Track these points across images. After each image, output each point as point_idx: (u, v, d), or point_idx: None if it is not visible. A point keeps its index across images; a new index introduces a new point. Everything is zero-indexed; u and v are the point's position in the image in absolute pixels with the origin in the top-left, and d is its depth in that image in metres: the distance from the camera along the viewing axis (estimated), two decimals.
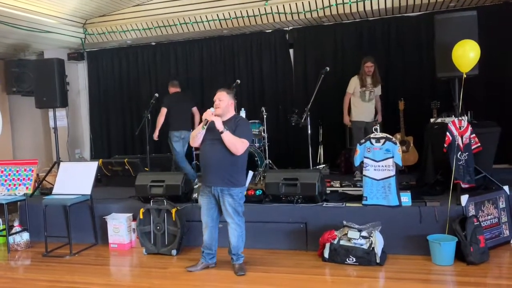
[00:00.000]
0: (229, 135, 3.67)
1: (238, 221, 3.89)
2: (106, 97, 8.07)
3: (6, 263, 4.84)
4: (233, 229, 3.89)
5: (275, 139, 6.83)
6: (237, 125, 3.78)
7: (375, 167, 4.40)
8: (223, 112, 3.81)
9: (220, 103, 3.81)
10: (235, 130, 3.73)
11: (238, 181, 3.85)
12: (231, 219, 3.86)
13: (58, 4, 6.41)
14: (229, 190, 3.81)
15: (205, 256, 4.09)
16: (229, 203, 3.82)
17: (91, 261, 4.71)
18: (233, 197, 3.82)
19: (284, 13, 6.40)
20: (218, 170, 3.77)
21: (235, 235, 3.90)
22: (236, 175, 3.82)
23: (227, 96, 3.84)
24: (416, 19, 6.50)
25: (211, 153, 3.79)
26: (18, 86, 7.54)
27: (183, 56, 7.66)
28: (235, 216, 3.86)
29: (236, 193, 3.84)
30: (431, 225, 4.18)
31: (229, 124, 3.77)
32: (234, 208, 3.84)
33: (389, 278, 3.80)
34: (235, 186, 3.82)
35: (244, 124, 3.86)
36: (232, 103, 3.89)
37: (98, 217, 5.18)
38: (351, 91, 6.01)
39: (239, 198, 3.87)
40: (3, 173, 5.53)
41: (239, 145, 3.69)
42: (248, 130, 3.87)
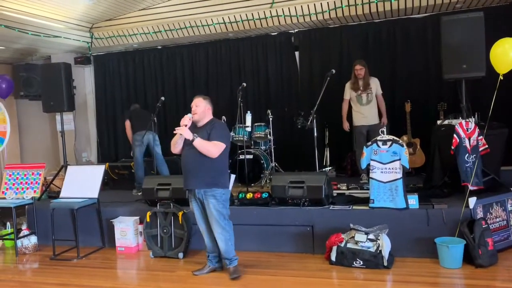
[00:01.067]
0: (199, 142, 3.77)
1: (224, 225, 3.88)
2: (112, 100, 8.10)
3: (14, 266, 4.87)
4: (220, 233, 3.89)
5: (281, 141, 6.81)
6: (212, 128, 3.88)
7: (382, 169, 4.39)
8: (199, 117, 3.93)
9: (197, 109, 3.93)
10: (210, 133, 3.84)
11: (221, 182, 3.88)
12: (217, 223, 3.86)
13: (65, 9, 6.46)
14: (212, 191, 3.83)
15: (211, 260, 4.11)
16: (213, 206, 3.84)
17: (98, 264, 4.73)
18: (216, 198, 3.84)
19: (289, 16, 6.40)
20: (197, 173, 3.83)
21: (222, 239, 3.90)
22: (217, 177, 3.86)
23: (203, 102, 3.96)
24: (422, 21, 6.48)
25: (190, 157, 3.87)
26: (25, 90, 7.60)
27: (189, 59, 7.69)
28: (220, 219, 3.86)
29: (219, 194, 3.86)
30: (438, 228, 4.15)
31: (206, 128, 3.89)
32: (219, 210, 3.85)
33: (397, 281, 3.77)
34: (218, 187, 3.85)
35: (218, 127, 3.93)
36: (209, 108, 4.00)
37: (105, 220, 5.20)
38: (347, 97, 6.03)
39: (222, 200, 3.88)
40: (11, 177, 5.57)
41: (211, 148, 3.78)
42: (221, 132, 3.90)
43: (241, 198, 4.94)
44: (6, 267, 4.92)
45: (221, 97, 7.46)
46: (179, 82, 7.72)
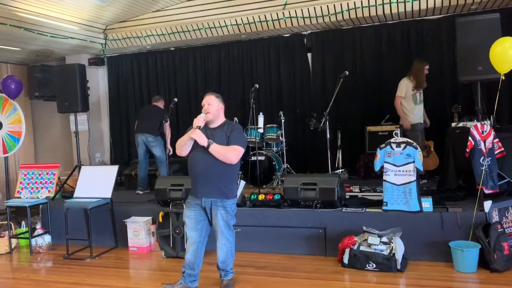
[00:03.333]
0: (216, 148, 3.42)
1: (228, 236, 3.62)
2: (125, 101, 8.16)
3: (28, 265, 4.93)
4: (222, 244, 3.61)
5: (293, 143, 6.81)
6: (231, 130, 3.53)
7: (396, 172, 4.35)
8: (213, 117, 3.55)
9: (209, 108, 3.53)
10: (229, 137, 3.49)
11: (232, 192, 3.60)
12: (221, 234, 3.58)
13: (80, 11, 6.53)
14: (223, 202, 3.53)
15: (185, 278, 3.68)
16: (221, 216, 3.54)
17: (111, 264, 4.76)
18: (227, 209, 3.55)
19: (302, 17, 6.39)
20: (209, 180, 3.48)
21: (224, 250, 3.64)
22: (229, 185, 3.57)
23: (216, 100, 3.58)
24: (436, 22, 6.42)
25: (201, 162, 3.49)
26: (40, 91, 7.70)
27: (202, 61, 7.72)
28: (226, 230, 3.59)
29: (230, 205, 3.58)
30: (453, 231, 4.11)
31: (221, 131, 3.54)
32: (226, 221, 3.57)
33: (410, 285, 3.74)
34: (228, 197, 3.55)
35: (238, 130, 3.59)
36: (222, 108, 3.64)
37: (118, 220, 5.24)
38: (403, 94, 5.74)
39: (231, 210, 3.61)
40: (26, 177, 5.64)
41: (229, 154, 3.43)
42: (241, 136, 3.59)
43: (253, 199, 4.94)
44: (21, 265, 4.98)
45: (233, 98, 7.48)
46: (191, 83, 7.75)
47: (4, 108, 5.85)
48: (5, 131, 5.89)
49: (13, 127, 5.86)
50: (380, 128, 6.45)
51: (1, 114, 5.88)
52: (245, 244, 4.75)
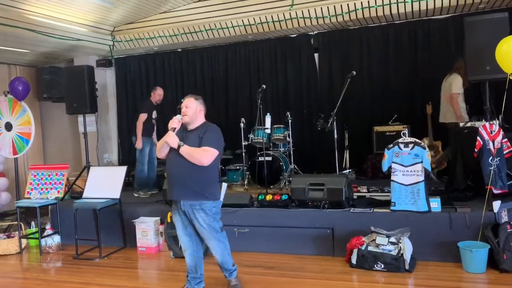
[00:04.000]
0: (186, 149, 3.37)
1: (218, 237, 3.52)
2: (133, 102, 8.20)
3: (38, 265, 4.98)
4: (215, 245, 3.54)
5: (300, 143, 6.82)
6: (205, 131, 3.46)
7: (404, 172, 4.35)
8: (190, 120, 3.50)
9: (187, 110, 3.49)
10: (202, 138, 3.43)
11: (211, 194, 3.47)
12: (209, 235, 3.49)
13: (88, 13, 6.58)
14: (201, 205, 3.42)
15: (190, 281, 3.69)
16: (203, 220, 3.44)
17: (119, 264, 4.80)
18: (206, 211, 3.43)
19: (309, 18, 6.39)
20: (184, 183, 3.41)
21: (219, 252, 3.57)
22: (206, 187, 3.44)
23: (195, 103, 3.53)
24: (444, 22, 6.40)
25: (175, 164, 3.43)
26: (49, 93, 7.76)
27: (209, 62, 7.74)
28: (213, 233, 3.48)
29: (209, 207, 3.45)
30: (461, 232, 4.10)
31: (198, 132, 3.48)
32: (209, 224, 3.46)
33: (419, 285, 3.74)
34: (207, 199, 3.44)
35: (212, 131, 3.50)
36: (202, 110, 3.58)
37: (127, 220, 5.28)
38: (460, 91, 5.47)
39: (212, 213, 3.47)
40: (36, 177, 5.69)
41: (200, 155, 3.35)
42: (214, 137, 3.47)
43: (261, 200, 4.95)
44: (31, 265, 5.03)
45: (240, 99, 7.50)
46: (198, 84, 7.78)
47: (14, 109, 5.90)
48: (15, 132, 5.94)
49: (22, 129, 5.91)
50: (387, 128, 6.43)
51: (11, 115, 5.92)
52: (253, 244, 4.78)
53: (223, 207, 4.86)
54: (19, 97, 5.85)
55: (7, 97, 5.91)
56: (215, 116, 7.60)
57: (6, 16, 5.69)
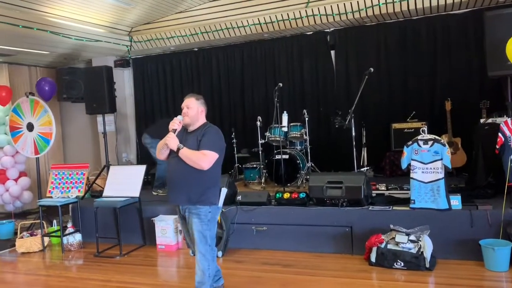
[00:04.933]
0: (185, 152, 3.22)
1: (204, 251, 3.24)
2: (151, 102, 8.28)
3: (60, 262, 5.08)
4: (199, 260, 3.26)
5: (317, 141, 6.79)
6: (203, 134, 3.30)
7: (423, 169, 4.31)
8: (191, 121, 3.36)
9: (188, 111, 3.35)
10: (200, 140, 3.28)
11: (207, 198, 3.27)
12: (197, 248, 3.26)
13: (106, 14, 6.66)
14: (196, 209, 3.25)
15: None
16: (195, 225, 3.25)
17: (139, 261, 4.86)
18: (200, 217, 3.24)
19: (325, 15, 6.36)
20: (182, 187, 3.27)
21: (200, 267, 3.26)
22: (204, 193, 3.26)
23: (196, 103, 3.39)
24: (463, 17, 6.29)
25: (176, 167, 3.30)
26: (68, 93, 7.87)
27: (225, 60, 7.76)
28: (201, 243, 3.23)
29: (204, 212, 3.25)
30: (483, 229, 4.05)
31: (197, 134, 3.33)
32: (200, 231, 3.23)
33: (439, 283, 3.71)
34: (203, 204, 3.25)
35: (211, 133, 3.32)
36: (203, 111, 3.44)
37: (146, 219, 5.34)
38: None
39: (207, 219, 3.26)
40: (57, 177, 5.80)
41: (198, 159, 3.19)
42: (214, 140, 3.30)
43: (279, 198, 4.96)
44: (53, 263, 5.13)
45: (256, 98, 7.51)
46: (215, 83, 7.81)
47: (35, 110, 6.02)
48: (36, 133, 6.06)
49: (43, 129, 6.03)
50: (405, 125, 6.36)
51: (33, 116, 6.05)
52: (271, 242, 4.80)
53: (241, 205, 4.95)
54: (46, 97, 5.97)
55: (29, 98, 6.03)
56: (231, 115, 7.66)
57: (26, 18, 5.81)
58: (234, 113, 7.66)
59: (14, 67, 7.90)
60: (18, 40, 6.27)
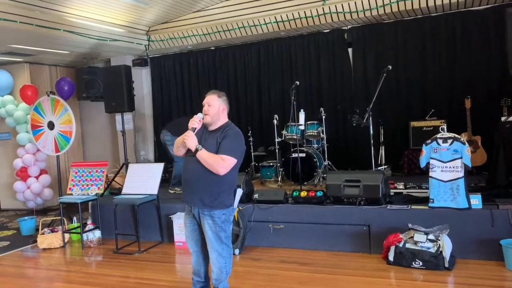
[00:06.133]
0: (203, 154, 3.08)
1: (220, 250, 3.18)
2: (168, 100, 8.36)
3: (80, 259, 5.16)
4: (214, 258, 3.20)
5: (334, 140, 6.77)
6: (224, 136, 3.14)
7: (442, 168, 4.25)
8: (212, 120, 3.20)
9: (209, 109, 3.18)
10: (220, 143, 3.13)
11: (221, 202, 3.17)
12: (212, 247, 3.19)
13: (124, 14, 6.75)
14: (210, 211, 3.16)
15: (195, 284, 3.42)
16: (209, 227, 3.16)
17: (158, 258, 4.91)
18: (214, 219, 3.15)
19: (342, 13, 6.33)
20: (197, 189, 3.16)
21: (217, 266, 3.21)
22: (219, 196, 3.15)
23: (217, 101, 3.21)
24: (483, 13, 6.19)
25: (192, 167, 3.18)
26: (88, 92, 8.00)
27: (241, 59, 7.78)
28: (216, 243, 3.17)
29: (218, 215, 3.16)
30: (504, 229, 3.98)
31: (217, 135, 3.18)
32: (215, 233, 3.16)
33: (459, 283, 3.66)
34: (216, 207, 3.15)
35: (232, 136, 3.15)
36: (225, 109, 3.25)
37: (164, 216, 5.39)
38: None
39: (221, 221, 3.17)
40: (77, 174, 5.89)
41: (216, 164, 3.05)
42: (234, 144, 3.14)
43: (295, 196, 4.95)
44: (74, 259, 5.22)
45: (273, 96, 7.51)
46: (231, 81, 7.84)
47: (55, 109, 6.13)
48: (57, 131, 6.17)
49: (64, 127, 6.13)
50: (424, 124, 6.29)
51: (53, 115, 6.16)
52: (288, 240, 4.80)
53: (258, 203, 4.96)
54: (65, 97, 6.07)
55: (50, 97, 6.14)
56: (248, 113, 7.68)
57: (47, 19, 5.92)
58: (251, 111, 7.67)
59: (35, 67, 8.06)
60: (39, 41, 6.39)
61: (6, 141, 8.16)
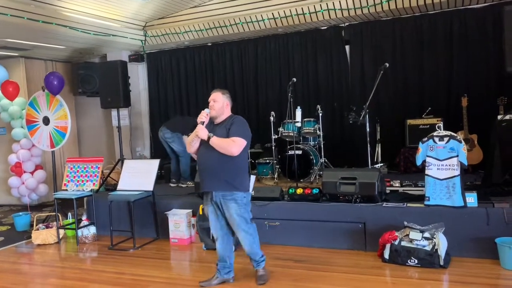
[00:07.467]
0: (216, 140, 3.50)
1: (248, 229, 3.62)
2: (164, 96, 8.32)
3: (75, 255, 5.14)
4: (243, 237, 3.63)
5: (331, 137, 6.76)
6: (231, 123, 3.58)
7: (438, 166, 4.25)
8: (217, 114, 3.64)
9: (214, 105, 3.63)
10: (229, 129, 3.55)
11: (241, 184, 3.58)
12: (239, 228, 3.59)
13: (121, 9, 6.70)
14: (232, 195, 3.54)
15: (220, 270, 3.81)
16: (234, 210, 3.55)
17: (153, 255, 4.90)
18: (237, 201, 3.55)
19: (340, 10, 6.31)
20: (215, 174, 3.54)
21: (247, 243, 3.66)
22: (237, 178, 3.57)
23: (222, 97, 3.66)
24: (481, 11, 6.18)
25: (207, 157, 3.58)
26: (83, 87, 7.96)
27: (238, 55, 7.75)
28: (243, 224, 3.59)
29: (240, 197, 3.56)
30: (499, 227, 3.98)
31: (225, 125, 3.61)
32: (239, 214, 3.56)
33: (454, 281, 3.66)
34: (238, 190, 3.55)
35: (238, 122, 3.62)
36: (228, 104, 3.70)
37: (160, 212, 5.37)
38: None
39: (243, 203, 3.59)
40: (72, 170, 5.86)
41: (230, 146, 3.47)
42: (241, 128, 3.58)
43: (291, 193, 4.94)
44: (68, 255, 5.19)
45: (270, 93, 7.49)
46: (228, 78, 7.81)
47: (51, 104, 6.08)
48: (52, 126, 6.13)
49: (59, 123, 6.09)
50: (421, 122, 6.29)
51: (49, 110, 6.11)
52: (284, 237, 4.79)
53: (253, 200, 4.94)
54: (54, 92, 6.01)
55: (45, 92, 6.10)
56: (245, 110, 7.65)
57: (42, 13, 5.87)
58: (248, 108, 7.65)
59: (30, 61, 8.00)
60: (34, 35, 6.34)
61: (1, 136, 8.12)
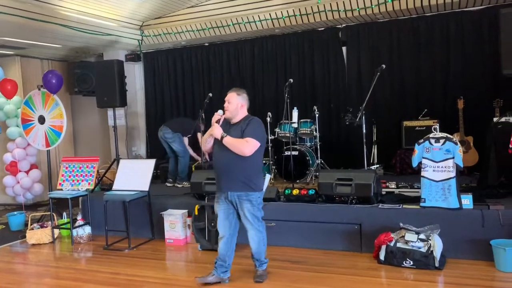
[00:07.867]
0: (229, 139, 3.56)
1: (258, 227, 3.72)
2: (161, 96, 8.30)
3: (70, 255, 5.12)
4: (253, 234, 3.72)
5: (327, 138, 6.76)
6: (247, 124, 3.61)
7: (434, 168, 4.26)
8: (231, 115, 3.67)
9: (229, 106, 3.67)
10: (244, 130, 3.58)
11: (256, 185, 3.66)
12: (250, 225, 3.69)
13: (118, 8, 6.69)
14: (248, 196, 3.62)
15: (217, 268, 3.81)
16: (248, 210, 3.64)
17: (148, 255, 4.88)
18: (252, 202, 3.64)
19: (337, 11, 6.31)
20: (231, 175, 3.60)
21: (255, 240, 3.74)
22: (252, 179, 3.63)
23: (236, 98, 3.67)
24: (477, 14, 6.20)
25: (222, 157, 3.64)
26: (79, 87, 7.93)
27: (235, 56, 7.74)
28: (254, 222, 3.69)
29: (255, 198, 3.65)
30: (494, 229, 3.99)
31: (240, 125, 3.64)
32: (253, 214, 3.66)
33: (449, 283, 3.66)
34: (254, 190, 3.63)
35: (253, 123, 3.64)
36: (243, 105, 3.71)
37: (155, 212, 5.35)
38: None
39: (257, 203, 3.69)
40: (68, 169, 5.83)
41: (242, 146, 3.52)
42: (255, 129, 3.61)
43: (288, 194, 4.94)
44: (63, 255, 5.17)
45: (267, 93, 7.49)
46: (225, 78, 7.80)
47: (46, 103, 6.05)
48: (47, 125, 6.09)
49: (55, 122, 6.05)
50: (417, 123, 6.31)
51: (44, 109, 6.08)
52: (280, 238, 4.78)
53: None
54: (53, 90, 5.97)
55: (41, 91, 6.06)
56: None
57: (39, 12, 5.84)
58: None
59: (26, 60, 7.97)
60: (30, 33, 6.32)
61: None
